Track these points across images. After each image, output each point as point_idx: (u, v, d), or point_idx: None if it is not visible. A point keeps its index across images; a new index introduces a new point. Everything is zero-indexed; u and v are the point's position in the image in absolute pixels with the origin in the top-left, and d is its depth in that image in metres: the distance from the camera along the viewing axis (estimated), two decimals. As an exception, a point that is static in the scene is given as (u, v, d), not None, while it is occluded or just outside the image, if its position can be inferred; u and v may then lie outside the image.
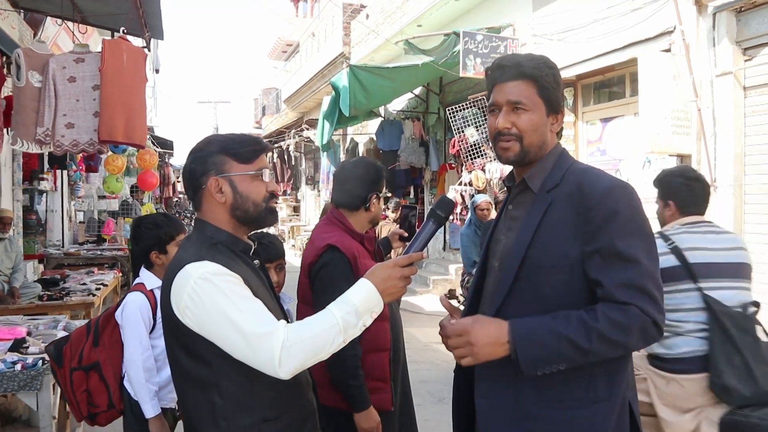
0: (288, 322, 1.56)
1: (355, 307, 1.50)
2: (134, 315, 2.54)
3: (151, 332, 2.58)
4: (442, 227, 11.50)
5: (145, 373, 2.50)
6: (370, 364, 2.30)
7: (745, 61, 5.37)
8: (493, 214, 6.36)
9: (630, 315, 1.45)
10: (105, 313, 2.75)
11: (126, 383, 2.62)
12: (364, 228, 2.50)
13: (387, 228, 6.65)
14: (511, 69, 1.63)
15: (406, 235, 2.90)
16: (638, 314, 1.45)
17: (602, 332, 1.44)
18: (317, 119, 11.81)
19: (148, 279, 2.67)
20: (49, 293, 5.67)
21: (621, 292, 1.46)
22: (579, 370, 1.54)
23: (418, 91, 11.97)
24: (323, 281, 2.28)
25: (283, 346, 1.44)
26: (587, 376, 1.55)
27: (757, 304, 2.67)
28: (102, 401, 2.63)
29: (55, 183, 9.49)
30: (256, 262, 1.73)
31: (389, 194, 12.65)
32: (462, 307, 1.85)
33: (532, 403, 1.57)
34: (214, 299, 1.47)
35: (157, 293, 2.60)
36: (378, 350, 2.34)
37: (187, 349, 1.55)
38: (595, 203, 1.51)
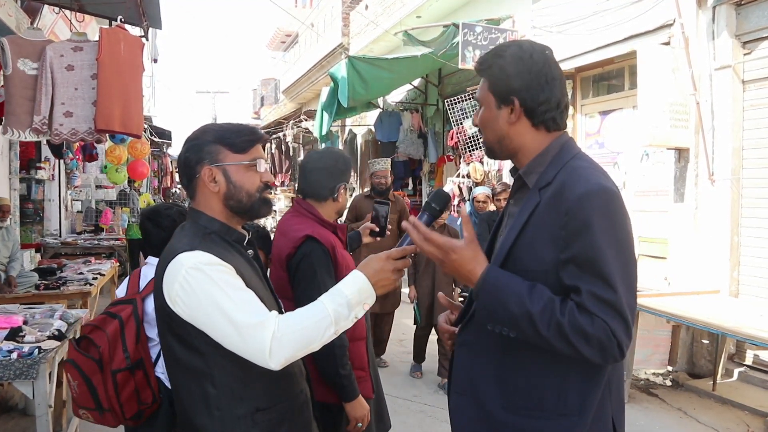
0: (281, 312, 1.56)
1: (347, 299, 1.50)
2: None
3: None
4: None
5: None
6: (352, 354, 2.31)
7: (745, 54, 5.36)
8: (491, 206, 6.36)
9: (596, 327, 1.39)
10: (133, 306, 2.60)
11: (158, 372, 2.56)
12: (331, 218, 2.52)
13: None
14: (476, 67, 1.66)
15: (377, 230, 2.89)
16: (604, 330, 1.39)
17: (563, 328, 1.39)
18: (316, 110, 11.78)
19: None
20: (45, 282, 5.67)
21: (594, 305, 1.40)
22: (550, 378, 1.51)
23: (416, 82, 11.94)
24: (305, 273, 2.25)
25: (274, 336, 1.44)
26: (557, 387, 1.51)
27: None
28: (147, 396, 2.52)
29: (58, 170, 9.48)
30: (250, 251, 1.73)
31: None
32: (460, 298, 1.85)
33: (500, 406, 1.55)
34: (206, 289, 1.47)
35: None
36: (357, 339, 2.36)
37: (179, 338, 1.56)
38: (570, 208, 1.43)
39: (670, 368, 5.49)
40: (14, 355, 3.18)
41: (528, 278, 1.48)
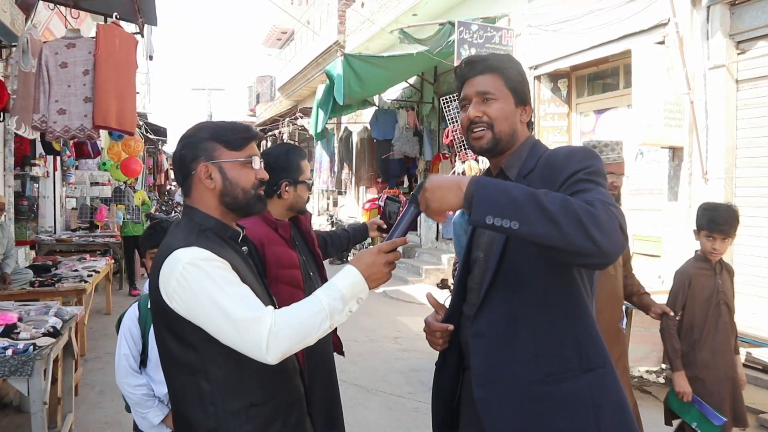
0: (275, 308, 1.57)
1: (341, 293, 1.52)
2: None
3: None
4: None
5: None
6: None
7: (738, 54, 5.39)
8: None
9: (600, 210, 1.36)
10: None
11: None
12: (283, 215, 2.50)
13: None
14: (479, 64, 1.73)
15: (384, 226, 2.88)
16: (608, 210, 1.37)
17: (569, 203, 1.35)
18: (311, 108, 11.78)
19: None
20: (40, 279, 5.66)
21: (596, 201, 1.40)
22: (566, 338, 1.58)
23: (412, 80, 11.95)
24: None
25: (271, 331, 1.45)
26: (576, 345, 1.59)
27: None
28: None
29: (54, 168, 9.44)
30: (245, 248, 1.74)
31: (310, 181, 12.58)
32: (449, 302, 1.87)
33: (528, 378, 1.58)
34: (202, 284, 1.48)
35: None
36: None
37: (175, 334, 1.57)
38: (559, 164, 1.59)
39: (663, 366, 5.52)
40: (9, 352, 3.18)
41: (527, 249, 1.56)
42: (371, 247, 1.59)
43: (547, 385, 1.57)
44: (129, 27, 5.88)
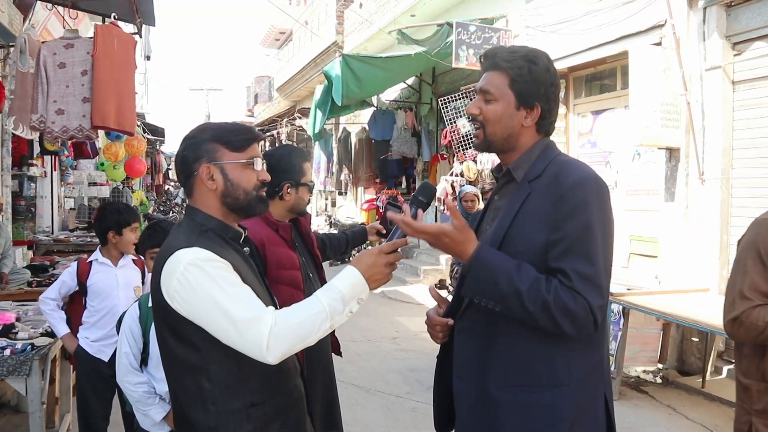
0: (276, 308, 1.58)
1: (342, 294, 1.53)
2: (65, 272, 3.50)
3: (72, 294, 3.51)
4: (435, 218, 11.44)
5: (52, 302, 3.41)
6: None
7: (735, 55, 5.40)
8: (480, 205, 6.37)
9: (578, 305, 1.50)
10: None
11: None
12: (284, 217, 2.53)
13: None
14: (489, 59, 1.70)
15: (384, 231, 2.91)
16: (585, 308, 1.50)
17: (548, 305, 1.50)
18: (310, 108, 11.79)
19: (95, 253, 3.48)
20: (38, 279, 5.64)
21: (578, 282, 1.50)
22: (542, 354, 1.59)
23: (410, 81, 11.96)
24: None
25: (271, 331, 1.46)
26: (549, 362, 1.59)
27: None
28: None
29: (50, 167, 9.42)
30: (246, 249, 1.75)
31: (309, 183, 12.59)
32: (450, 297, 1.88)
33: (495, 385, 1.61)
34: (204, 285, 1.49)
35: (95, 265, 3.40)
36: None
37: (176, 333, 1.58)
38: (566, 192, 1.55)
39: (660, 366, 5.54)
40: (7, 352, 3.18)
41: (518, 259, 1.57)
42: (372, 248, 1.60)
43: (512, 394, 1.60)
44: (127, 27, 5.88)
